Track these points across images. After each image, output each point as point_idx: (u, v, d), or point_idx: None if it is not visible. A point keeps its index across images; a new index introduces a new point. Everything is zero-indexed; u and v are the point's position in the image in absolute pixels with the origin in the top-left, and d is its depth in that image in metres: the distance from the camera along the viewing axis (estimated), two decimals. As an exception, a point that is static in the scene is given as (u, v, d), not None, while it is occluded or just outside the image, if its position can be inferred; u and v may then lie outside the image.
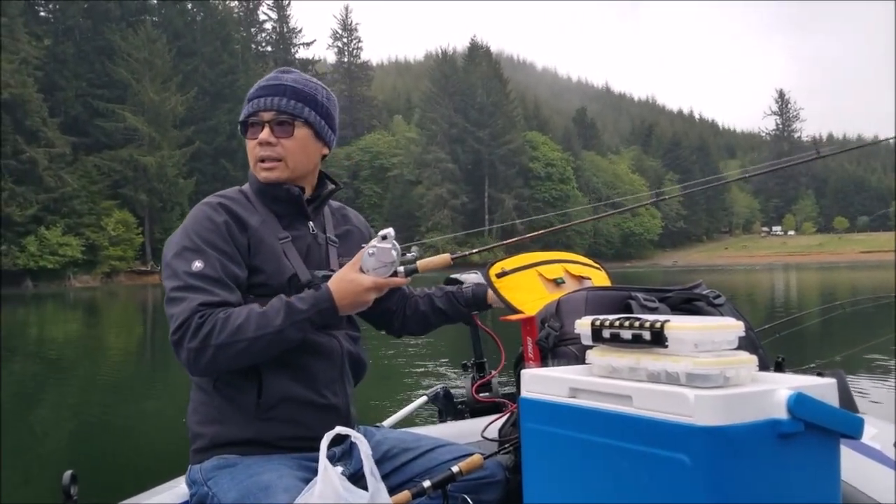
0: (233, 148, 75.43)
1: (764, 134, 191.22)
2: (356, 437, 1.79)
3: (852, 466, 1.94)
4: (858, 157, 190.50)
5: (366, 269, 2.14)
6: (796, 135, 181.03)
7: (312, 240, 2.34)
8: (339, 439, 2.01)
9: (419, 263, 2.25)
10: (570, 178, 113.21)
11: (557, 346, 2.03)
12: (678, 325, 1.56)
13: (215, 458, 2.16)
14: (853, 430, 1.53)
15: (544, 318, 2.12)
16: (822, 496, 1.52)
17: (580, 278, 2.52)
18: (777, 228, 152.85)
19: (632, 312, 1.96)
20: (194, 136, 72.67)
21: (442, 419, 3.14)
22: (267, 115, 2.30)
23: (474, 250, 2.52)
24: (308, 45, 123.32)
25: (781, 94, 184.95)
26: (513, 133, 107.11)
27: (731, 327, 1.59)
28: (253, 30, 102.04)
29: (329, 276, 2.19)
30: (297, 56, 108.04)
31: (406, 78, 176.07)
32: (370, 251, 2.15)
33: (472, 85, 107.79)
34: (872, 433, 2.18)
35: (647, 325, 1.59)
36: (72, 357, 17.70)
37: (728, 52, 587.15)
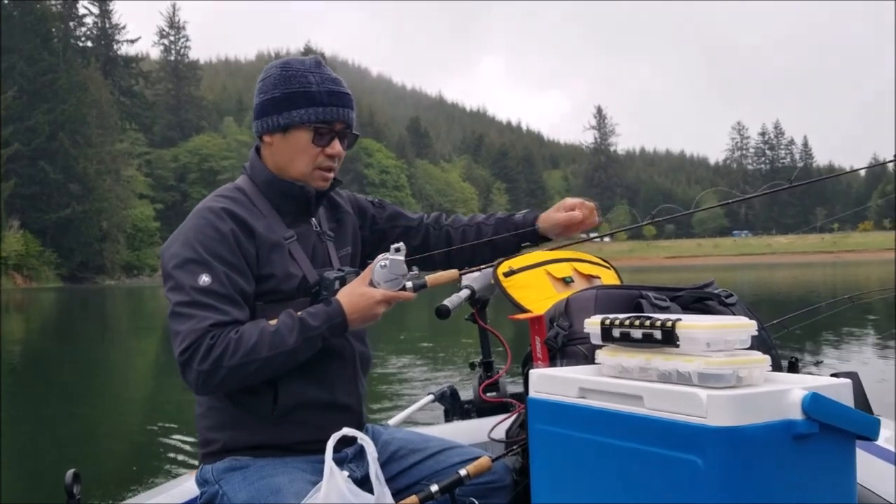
0: (53, 149, 72.72)
1: (584, 147, 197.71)
2: (362, 438, 1.75)
3: (868, 468, 1.92)
4: (667, 171, 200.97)
5: (376, 282, 2.07)
6: (612, 148, 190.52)
7: (316, 237, 2.29)
8: (350, 440, 1.95)
9: (428, 278, 2.21)
10: (405, 185, 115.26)
11: (566, 346, 2.00)
12: (690, 324, 1.53)
13: (228, 459, 2.12)
14: (869, 432, 1.52)
15: (553, 317, 2.09)
16: (837, 498, 1.49)
17: (589, 277, 2.49)
18: (594, 235, 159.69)
19: (642, 311, 1.93)
20: (11, 137, 69.36)
21: (448, 419, 3.10)
22: (338, 126, 2.23)
23: (483, 266, 2.45)
24: (133, 41, 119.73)
25: (599, 111, 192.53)
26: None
27: (743, 326, 1.57)
28: (72, 24, 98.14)
29: (340, 276, 2.14)
30: (119, 52, 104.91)
31: (237, 78, 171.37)
32: (382, 263, 2.08)
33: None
34: (887, 434, 2.14)
35: (658, 323, 1.56)
36: None
37: (552, 67, 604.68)
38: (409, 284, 2.11)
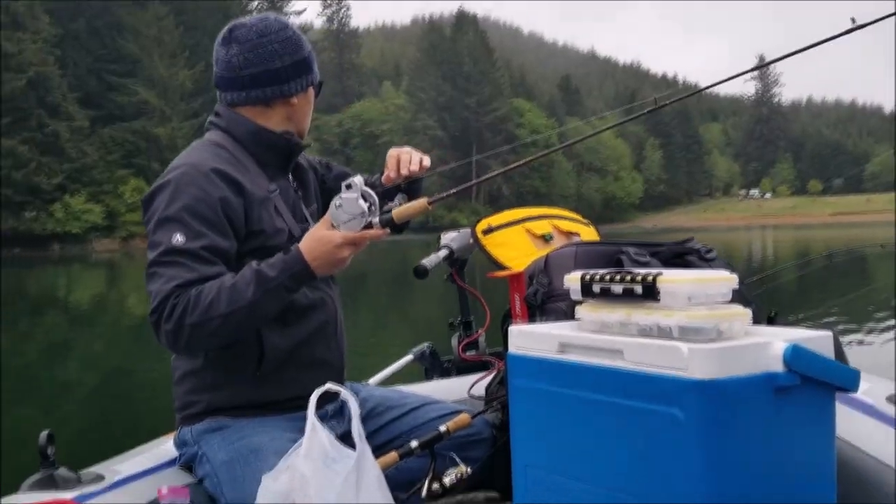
0: (235, 119, 76.96)
1: (745, 98, 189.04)
2: (346, 395, 1.73)
3: (846, 421, 1.89)
4: (836, 123, 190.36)
5: (336, 224, 1.98)
6: (776, 99, 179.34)
7: (294, 193, 2.28)
8: (330, 396, 1.92)
9: (394, 212, 2.05)
10: (555, 145, 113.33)
11: (546, 303, 1.99)
12: (671, 278, 1.51)
13: (207, 421, 2.10)
14: (849, 384, 1.50)
15: (532, 275, 2.08)
16: (817, 450, 1.49)
17: (569, 234, 2.47)
18: (755, 191, 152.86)
19: (622, 267, 1.91)
20: (200, 108, 74.69)
21: (428, 377, 3.10)
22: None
23: (452, 190, 2.28)
24: (299, 13, 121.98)
25: (762, 59, 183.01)
26: (499, 100, 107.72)
27: (724, 280, 1.55)
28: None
29: None
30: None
31: (393, 43, 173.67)
32: (336, 203, 1.98)
33: (460, 54, 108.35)
34: (864, 387, 2.12)
35: (639, 278, 1.54)
36: (95, 313, 18.92)
37: (712, 16, 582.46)
38: (375, 220, 2.00)
